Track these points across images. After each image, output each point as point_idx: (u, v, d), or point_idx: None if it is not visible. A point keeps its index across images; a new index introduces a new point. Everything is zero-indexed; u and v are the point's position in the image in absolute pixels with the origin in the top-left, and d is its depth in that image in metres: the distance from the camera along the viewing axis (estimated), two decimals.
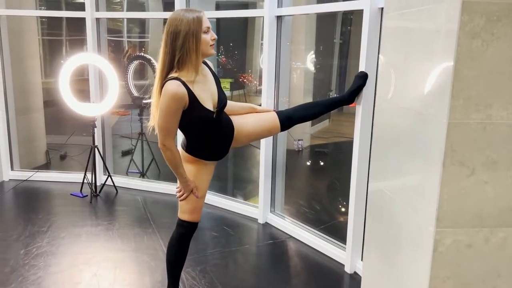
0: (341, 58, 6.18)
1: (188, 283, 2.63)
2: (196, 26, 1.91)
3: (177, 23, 1.91)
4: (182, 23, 1.91)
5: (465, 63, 1.21)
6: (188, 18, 1.91)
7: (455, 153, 1.26)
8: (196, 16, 1.93)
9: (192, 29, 1.91)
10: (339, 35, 6.04)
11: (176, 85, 1.89)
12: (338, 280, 2.76)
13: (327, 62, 6.06)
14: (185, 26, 1.90)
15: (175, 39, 1.91)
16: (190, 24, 1.90)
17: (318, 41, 5.70)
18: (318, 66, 5.71)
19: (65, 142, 4.82)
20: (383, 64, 1.71)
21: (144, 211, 3.75)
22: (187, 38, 1.90)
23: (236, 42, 7.41)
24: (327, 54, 6.10)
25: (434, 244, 1.31)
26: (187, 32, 1.90)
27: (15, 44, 4.32)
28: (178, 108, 1.93)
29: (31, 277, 2.64)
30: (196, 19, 1.92)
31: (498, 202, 1.30)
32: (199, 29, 1.92)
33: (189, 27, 1.90)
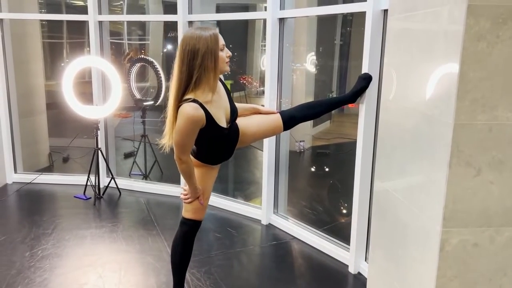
0: (342, 60, 6.21)
1: (193, 284, 2.65)
2: (214, 44, 1.90)
3: (194, 41, 1.88)
4: (200, 41, 1.88)
5: (470, 65, 1.23)
6: (206, 36, 1.89)
7: (461, 154, 1.28)
8: (213, 33, 1.91)
9: (210, 47, 1.89)
10: (339, 37, 6.07)
11: (194, 108, 1.88)
12: (342, 281, 2.77)
13: (328, 63, 6.09)
14: (203, 44, 1.88)
15: (193, 58, 1.88)
16: (208, 42, 1.89)
17: (319, 43, 5.72)
18: (319, 68, 5.74)
19: (69, 145, 4.83)
20: (388, 66, 1.73)
21: (148, 213, 3.77)
22: (206, 57, 1.88)
23: (236, 44, 7.43)
24: (328, 55, 6.13)
25: (441, 243, 1.33)
26: (205, 50, 1.88)
27: (18, 47, 4.34)
28: (195, 129, 1.93)
29: (37, 279, 2.66)
30: (213, 37, 1.90)
31: (504, 201, 1.32)
32: (216, 46, 1.91)
33: (207, 45, 1.88)
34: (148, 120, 4.77)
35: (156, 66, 4.40)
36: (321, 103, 2.63)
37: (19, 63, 4.36)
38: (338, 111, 6.63)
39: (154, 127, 6.05)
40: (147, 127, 4.77)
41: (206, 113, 1.93)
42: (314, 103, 2.54)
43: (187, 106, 1.88)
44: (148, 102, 4.59)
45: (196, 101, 1.90)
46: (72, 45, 8.09)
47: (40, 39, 4.91)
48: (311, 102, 2.54)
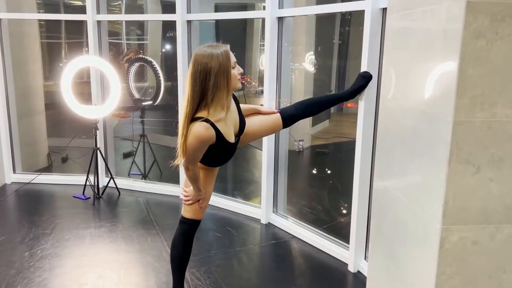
0: (341, 59, 6.21)
1: (193, 284, 2.65)
2: (226, 62, 1.87)
3: (206, 60, 1.85)
4: (212, 60, 1.85)
5: (469, 63, 1.23)
6: (217, 54, 1.86)
7: (460, 151, 1.28)
8: (224, 51, 1.88)
9: (223, 66, 1.86)
10: (338, 36, 6.07)
11: (205, 128, 1.88)
12: (342, 279, 2.78)
13: (326, 62, 6.09)
14: (215, 63, 1.85)
15: (205, 77, 1.85)
16: (220, 61, 1.85)
17: (318, 42, 5.73)
18: (318, 67, 5.74)
19: (68, 145, 4.82)
20: (387, 64, 1.73)
21: (147, 212, 3.77)
22: (218, 75, 1.86)
23: (235, 44, 7.43)
24: (326, 54, 6.13)
25: (440, 241, 1.33)
26: (218, 69, 1.85)
27: (16, 47, 4.33)
28: (205, 147, 1.96)
29: (37, 279, 2.65)
30: (224, 55, 1.87)
31: (503, 199, 1.32)
32: (228, 64, 1.88)
33: (219, 64, 1.85)
34: (147, 120, 4.77)
35: (155, 65, 4.40)
36: (320, 100, 2.64)
37: (17, 63, 4.35)
38: (337, 111, 6.65)
39: (153, 127, 6.05)
40: (146, 127, 4.77)
41: (216, 131, 1.93)
42: (313, 100, 2.55)
43: (199, 126, 1.87)
44: (147, 102, 4.59)
45: (208, 121, 1.90)
46: (71, 45, 8.08)
47: (39, 39, 4.90)
48: (310, 99, 2.54)
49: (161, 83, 4.42)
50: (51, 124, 5.25)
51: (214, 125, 1.92)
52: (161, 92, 4.45)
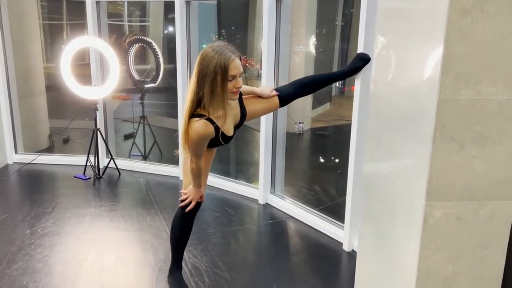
0: (343, 41, 6.16)
1: (190, 261, 2.70)
2: (222, 73, 1.87)
3: (205, 64, 1.87)
4: (209, 67, 1.86)
5: (455, 40, 1.24)
6: (216, 63, 1.86)
7: (445, 129, 1.30)
8: (224, 63, 1.86)
9: (217, 78, 1.87)
10: (340, 17, 6.01)
11: (204, 125, 1.93)
12: (337, 258, 2.82)
13: (328, 44, 6.04)
14: (211, 71, 1.86)
15: (201, 80, 1.89)
16: (216, 70, 1.86)
17: (319, 24, 5.68)
18: (319, 49, 5.70)
19: (67, 126, 4.86)
20: (378, 44, 1.74)
21: (147, 192, 3.82)
22: (212, 83, 1.88)
23: (237, 26, 7.38)
24: (328, 36, 6.08)
25: (424, 217, 1.35)
26: (212, 78, 1.87)
27: (16, 28, 4.34)
28: (205, 142, 2.02)
29: (37, 255, 2.72)
30: (223, 66, 1.86)
31: (487, 176, 1.34)
32: (224, 75, 1.88)
33: (215, 74, 1.86)
34: (149, 102, 4.79)
35: (154, 47, 4.39)
36: (316, 78, 2.64)
37: (17, 43, 4.36)
38: (339, 94, 6.63)
39: (154, 109, 6.08)
40: (148, 109, 4.79)
41: (216, 127, 1.98)
42: (309, 78, 2.56)
43: (198, 123, 1.93)
44: (148, 85, 4.60)
45: (207, 118, 1.94)
46: (72, 26, 8.05)
47: (38, 20, 4.89)
48: (307, 78, 2.55)
49: (161, 65, 4.42)
50: (53, 105, 5.28)
51: (214, 122, 1.97)
52: (160, 74, 4.46)
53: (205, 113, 1.96)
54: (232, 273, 2.59)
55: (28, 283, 2.42)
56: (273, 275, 2.60)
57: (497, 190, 1.35)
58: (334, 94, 6.55)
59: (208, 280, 2.51)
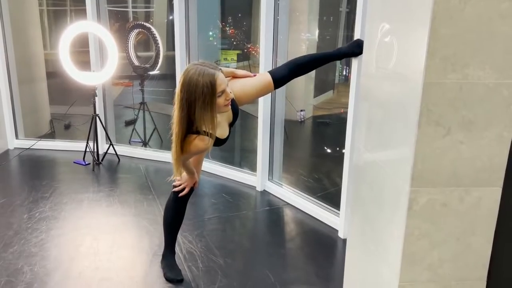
0: (348, 28, 6.07)
1: (185, 247, 2.71)
2: (210, 93, 1.86)
3: (191, 89, 1.85)
4: (197, 90, 1.84)
5: (441, 22, 1.21)
6: (203, 84, 1.84)
7: (430, 113, 1.27)
8: (210, 81, 1.85)
9: (207, 98, 1.86)
10: (345, 3, 5.92)
11: (202, 140, 1.95)
12: (332, 245, 2.82)
13: (332, 32, 5.96)
14: (199, 94, 1.85)
15: (189, 107, 1.87)
16: (204, 91, 1.85)
17: (323, 10, 5.60)
18: (322, 36, 5.63)
19: (66, 112, 4.88)
20: (369, 27, 1.71)
21: (146, 179, 3.83)
22: (203, 107, 1.87)
23: (241, 12, 7.32)
24: (332, 23, 5.99)
25: (409, 202, 1.33)
26: (202, 101, 1.86)
27: (16, 13, 4.33)
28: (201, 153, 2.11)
29: (34, 239, 2.74)
30: (209, 85, 1.85)
31: (473, 161, 1.31)
32: (212, 95, 1.87)
33: (204, 96, 1.85)
34: (150, 89, 4.77)
35: (154, 32, 4.37)
36: (312, 58, 2.60)
37: (17, 29, 4.36)
38: (344, 81, 6.57)
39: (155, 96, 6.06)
40: (150, 96, 4.78)
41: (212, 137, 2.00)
42: (304, 59, 2.51)
43: (197, 140, 1.95)
44: (150, 71, 4.57)
45: (206, 133, 1.95)
46: (76, 12, 8.02)
47: (40, 5, 4.89)
48: (301, 59, 2.50)
49: (160, 51, 4.40)
50: (56, 91, 5.30)
51: (209, 134, 1.98)
52: (160, 60, 4.44)
53: (200, 129, 1.95)
54: (226, 258, 2.60)
55: (23, 267, 2.45)
56: (267, 261, 2.60)
57: (484, 176, 1.33)
58: (337, 81, 6.50)
59: (201, 266, 2.52)
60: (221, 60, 5.61)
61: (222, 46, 5.97)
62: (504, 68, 1.25)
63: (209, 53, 5.42)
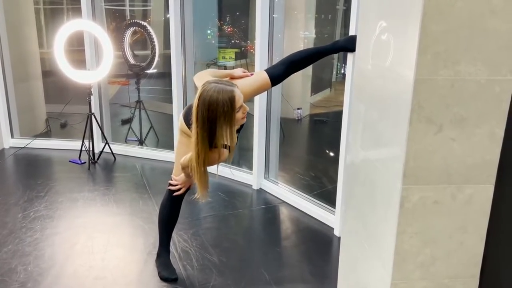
0: (345, 26, 6.06)
1: (180, 245, 2.70)
2: (230, 111, 1.88)
3: (212, 108, 1.86)
4: (218, 109, 1.86)
5: (432, 18, 1.20)
6: (223, 102, 1.86)
7: (422, 110, 1.26)
8: (229, 98, 1.87)
9: (228, 114, 1.88)
10: (342, 1, 5.90)
11: (226, 155, 1.99)
12: (327, 243, 2.81)
13: (329, 30, 5.95)
14: (219, 112, 1.86)
15: (211, 124, 1.89)
16: (224, 109, 1.86)
17: (319, 8, 5.58)
18: (318, 34, 5.62)
19: (62, 111, 4.86)
20: (361, 26, 1.70)
21: (141, 177, 3.82)
22: (225, 124, 1.89)
23: (238, 11, 7.30)
24: (329, 22, 5.98)
25: (401, 200, 1.32)
26: (223, 118, 1.87)
27: (10, 12, 4.31)
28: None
29: (28, 239, 2.73)
30: (229, 102, 1.87)
31: (465, 159, 1.30)
32: (232, 112, 1.89)
33: (225, 114, 1.87)
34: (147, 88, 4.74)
35: (150, 30, 4.35)
36: (307, 54, 2.58)
37: (12, 27, 4.34)
38: (340, 79, 6.55)
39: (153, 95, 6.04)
40: (147, 95, 4.75)
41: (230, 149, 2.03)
42: (300, 55, 2.50)
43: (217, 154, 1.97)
44: (146, 70, 4.54)
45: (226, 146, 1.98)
46: (74, 11, 7.99)
47: (35, 4, 4.86)
48: (296, 55, 2.49)
49: (156, 49, 4.38)
50: (52, 90, 5.28)
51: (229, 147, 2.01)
52: (156, 58, 4.42)
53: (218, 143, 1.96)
54: (221, 257, 2.59)
55: (17, 266, 2.44)
56: (262, 260, 2.59)
57: (476, 174, 1.32)
58: (334, 80, 6.48)
59: (196, 264, 2.51)
60: (219, 58, 5.59)
61: (220, 45, 5.95)
62: (496, 64, 1.24)
63: (206, 52, 5.41)
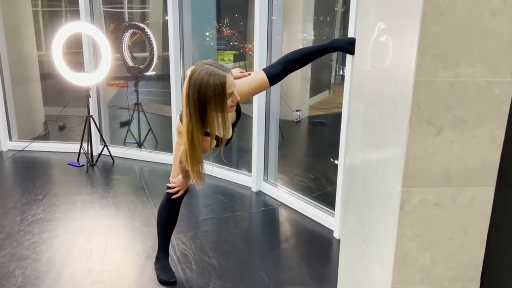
0: (344, 28, 6.06)
1: (179, 248, 2.69)
2: (221, 95, 1.85)
3: (204, 90, 1.83)
4: (208, 90, 1.82)
5: (432, 19, 1.19)
6: (214, 85, 1.82)
7: (422, 112, 1.25)
8: (220, 83, 1.83)
9: (218, 100, 1.85)
10: (341, 3, 5.91)
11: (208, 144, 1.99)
12: (327, 245, 2.80)
13: (327, 32, 5.95)
14: (210, 94, 1.83)
15: (200, 106, 1.86)
16: (215, 92, 1.83)
17: (318, 9, 5.59)
18: (318, 37, 5.62)
19: (60, 113, 4.85)
20: (360, 28, 1.69)
21: (140, 180, 3.80)
22: (214, 109, 1.87)
23: (236, 12, 7.30)
24: (328, 23, 5.98)
25: (401, 203, 1.32)
26: (214, 101, 1.84)
27: (8, 14, 4.30)
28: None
29: (26, 242, 2.72)
30: (220, 87, 1.83)
31: (465, 161, 1.30)
32: (223, 97, 1.86)
33: (215, 97, 1.84)
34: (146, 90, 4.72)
35: (148, 32, 4.34)
36: (305, 53, 2.57)
37: (10, 30, 4.33)
38: (339, 81, 6.56)
39: (152, 97, 6.04)
40: (146, 97, 4.74)
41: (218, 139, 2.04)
42: (297, 54, 2.49)
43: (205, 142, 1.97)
44: (145, 72, 4.53)
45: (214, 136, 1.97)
46: (72, 13, 7.98)
47: (33, 6, 4.86)
48: (294, 54, 2.48)
49: (154, 51, 4.37)
50: (50, 92, 5.26)
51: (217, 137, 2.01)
52: (154, 60, 4.41)
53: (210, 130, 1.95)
54: (220, 260, 2.57)
55: (14, 270, 2.42)
56: (261, 263, 2.58)
57: (476, 176, 1.31)
58: (333, 81, 6.49)
59: (195, 267, 2.50)
60: (217, 60, 5.58)
61: (219, 47, 5.96)
62: (495, 66, 1.23)
63: (205, 54, 5.40)
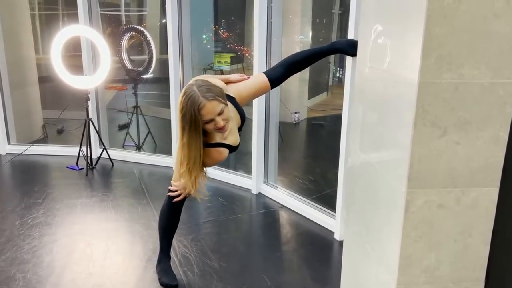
0: (341, 30, 6.08)
1: (180, 251, 2.68)
2: (196, 119, 1.85)
3: (185, 108, 1.85)
4: (187, 112, 1.84)
5: (436, 21, 1.19)
6: (190, 111, 1.83)
7: (426, 114, 1.25)
8: (194, 110, 1.83)
9: (192, 124, 1.86)
10: (338, 5, 5.92)
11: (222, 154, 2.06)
12: (328, 247, 2.80)
13: (325, 34, 5.97)
14: (187, 120, 1.86)
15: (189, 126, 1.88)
16: (191, 119, 1.85)
17: (315, 12, 5.60)
18: (315, 39, 5.63)
19: (59, 116, 4.83)
20: (362, 30, 1.69)
21: (139, 183, 3.79)
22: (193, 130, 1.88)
23: (235, 15, 7.31)
24: (325, 25, 6.00)
25: (406, 204, 1.32)
26: (190, 123, 1.86)
27: (6, 17, 4.29)
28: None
29: (26, 246, 2.70)
30: (194, 114, 1.83)
31: (469, 162, 1.30)
32: (198, 123, 1.86)
33: (190, 122, 1.86)
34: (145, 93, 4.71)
35: (146, 35, 4.34)
36: (306, 55, 2.57)
37: (8, 33, 4.32)
38: (337, 83, 6.57)
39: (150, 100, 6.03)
40: (145, 100, 4.73)
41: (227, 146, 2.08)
42: (298, 57, 2.50)
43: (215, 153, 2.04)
44: (143, 75, 4.52)
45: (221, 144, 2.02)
46: (69, 16, 7.97)
47: (31, 10, 4.85)
48: (295, 56, 2.49)
49: (153, 54, 4.37)
50: (49, 96, 5.24)
51: (226, 144, 2.04)
52: (153, 63, 4.40)
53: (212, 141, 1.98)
54: (222, 262, 2.57)
55: (15, 274, 2.41)
56: (262, 265, 2.58)
57: (481, 177, 1.31)
58: (331, 83, 6.50)
59: (197, 270, 2.49)
60: (214, 63, 5.59)
61: (216, 49, 5.96)
62: (499, 67, 1.24)
63: (202, 56, 5.40)
